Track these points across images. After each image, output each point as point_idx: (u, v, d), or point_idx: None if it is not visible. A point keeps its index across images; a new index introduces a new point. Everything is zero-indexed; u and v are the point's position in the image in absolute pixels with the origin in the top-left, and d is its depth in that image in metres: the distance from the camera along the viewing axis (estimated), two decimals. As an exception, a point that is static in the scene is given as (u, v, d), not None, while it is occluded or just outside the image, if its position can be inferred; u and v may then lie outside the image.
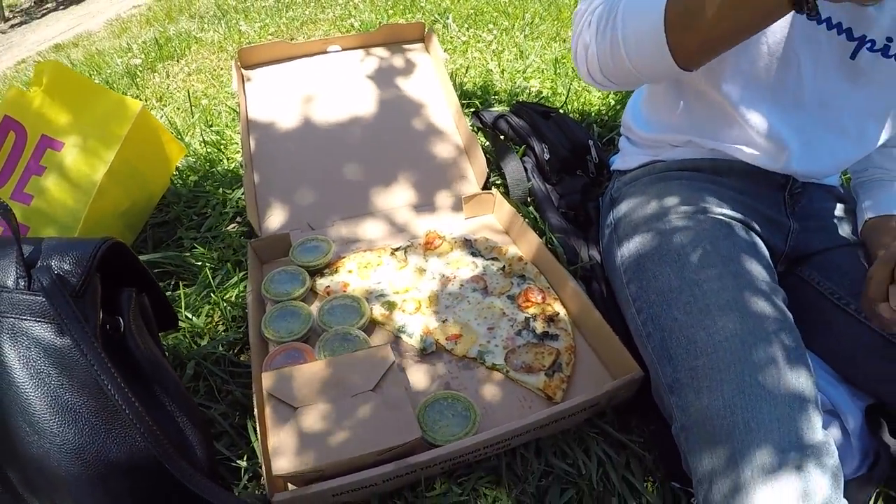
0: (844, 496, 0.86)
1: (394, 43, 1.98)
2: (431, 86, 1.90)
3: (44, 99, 1.49)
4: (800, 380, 0.91)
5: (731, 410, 0.89)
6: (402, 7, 4.02)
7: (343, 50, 1.95)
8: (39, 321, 0.87)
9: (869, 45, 1.07)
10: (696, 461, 0.92)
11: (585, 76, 1.16)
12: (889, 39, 1.06)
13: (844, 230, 1.27)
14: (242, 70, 1.85)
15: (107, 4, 7.70)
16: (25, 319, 0.86)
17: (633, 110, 1.44)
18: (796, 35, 1.09)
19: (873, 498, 1.13)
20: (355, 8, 4.21)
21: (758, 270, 1.07)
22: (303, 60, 1.93)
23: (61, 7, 8.14)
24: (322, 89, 1.85)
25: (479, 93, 2.45)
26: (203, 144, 2.14)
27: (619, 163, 1.45)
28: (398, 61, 1.94)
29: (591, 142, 1.77)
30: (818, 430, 0.88)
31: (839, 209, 1.30)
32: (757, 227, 1.22)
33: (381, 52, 1.95)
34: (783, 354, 0.93)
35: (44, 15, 7.78)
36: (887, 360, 1.11)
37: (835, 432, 1.15)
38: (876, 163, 1.30)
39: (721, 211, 1.19)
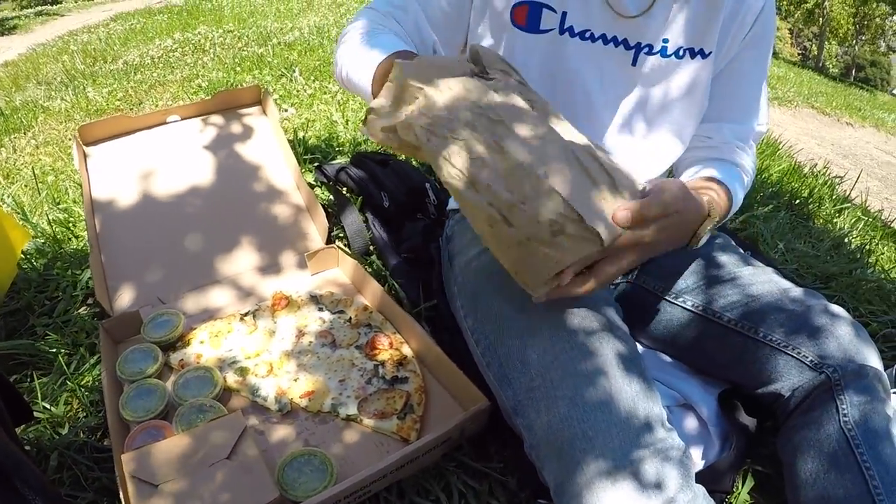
0: (710, 480, 0.95)
1: (231, 108, 2.01)
2: (270, 148, 1.94)
3: None
4: (632, 384, 0.98)
5: (569, 423, 0.95)
6: (248, 64, 4.04)
7: (182, 119, 1.96)
8: None
9: (646, 49, 1.20)
10: (549, 474, 0.98)
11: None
12: (665, 41, 1.19)
13: None
14: (84, 147, 1.84)
15: (-51, 70, 7.41)
16: None
17: None
18: (572, 56, 1.21)
19: (741, 475, 1.22)
20: (203, 67, 4.20)
21: None
22: (143, 133, 1.92)
23: None
24: (163, 161, 1.85)
25: (323, 146, 2.49)
26: (50, 224, 2.10)
27: (452, 202, 1.52)
28: (236, 127, 1.96)
29: (427, 185, 1.85)
30: (658, 427, 0.95)
31: None
32: None
33: (218, 119, 1.97)
34: (614, 363, 1.00)
35: None
36: (728, 346, 1.21)
37: (691, 423, 1.24)
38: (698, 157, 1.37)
39: None
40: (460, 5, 1.27)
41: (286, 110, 3.03)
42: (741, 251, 1.36)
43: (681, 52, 1.21)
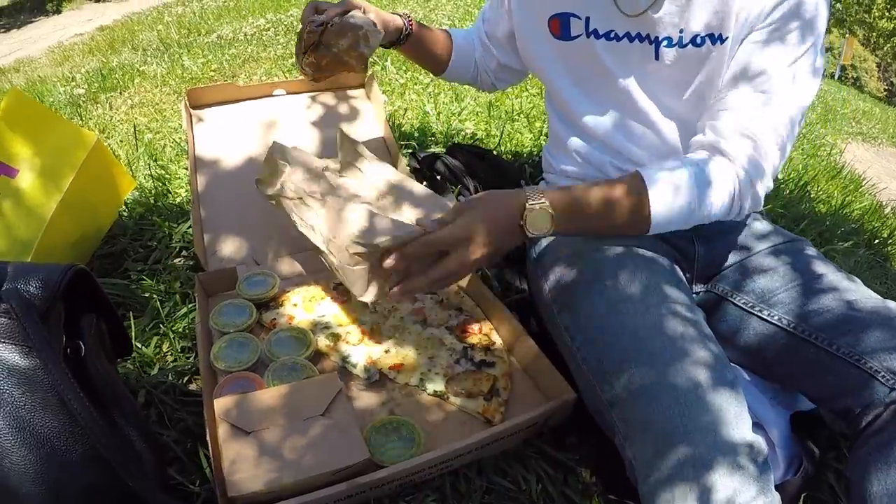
0: None
1: (336, 88, 2.05)
2: (371, 129, 1.98)
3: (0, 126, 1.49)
4: (725, 386, 1.00)
5: (671, 418, 0.97)
6: (340, 49, 4.07)
7: (288, 94, 2.01)
8: (4, 342, 0.87)
9: (665, 42, 1.23)
10: (640, 466, 1.00)
11: None
12: (681, 31, 1.21)
13: (745, 241, 1.38)
14: (191, 109, 1.90)
15: (48, 31, 7.64)
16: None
17: (547, 152, 1.55)
18: (602, 57, 1.32)
19: (801, 500, 1.20)
20: (296, 48, 4.25)
21: (675, 293, 1.16)
22: (249, 102, 1.97)
23: (1, 30, 8.02)
24: (267, 130, 1.90)
25: (416, 134, 2.52)
26: (149, 178, 2.17)
27: None
28: (341, 106, 2.00)
29: (522, 181, 1.87)
30: (747, 430, 0.97)
31: (737, 224, 1.41)
32: (669, 253, 1.32)
33: (323, 97, 2.02)
34: (711, 365, 1.02)
35: (-17, 39, 7.69)
36: (804, 357, 1.19)
37: (760, 442, 1.24)
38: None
39: (635, 241, 1.28)
40: (497, 26, 1.55)
41: (378, 97, 3.07)
42: (834, 264, 1.34)
43: (698, 40, 1.21)
